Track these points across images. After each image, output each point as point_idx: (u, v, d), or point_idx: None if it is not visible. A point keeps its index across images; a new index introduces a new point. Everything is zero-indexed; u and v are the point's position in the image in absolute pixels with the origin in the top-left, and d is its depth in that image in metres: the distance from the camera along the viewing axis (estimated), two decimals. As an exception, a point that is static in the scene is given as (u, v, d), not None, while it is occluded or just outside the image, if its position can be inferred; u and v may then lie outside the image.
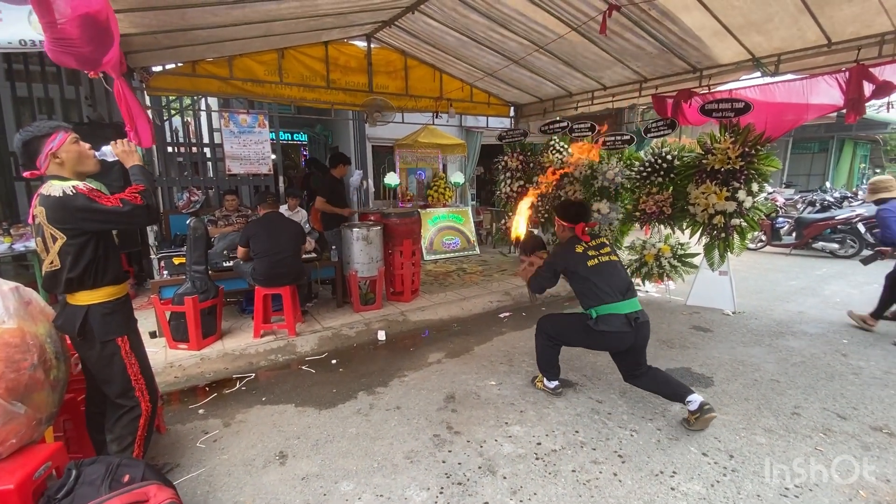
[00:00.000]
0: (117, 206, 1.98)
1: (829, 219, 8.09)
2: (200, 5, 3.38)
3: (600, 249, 2.92)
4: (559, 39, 4.53)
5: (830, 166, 16.28)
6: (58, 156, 2.00)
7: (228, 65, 5.04)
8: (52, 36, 2.13)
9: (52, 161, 2.00)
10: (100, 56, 2.38)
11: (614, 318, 2.74)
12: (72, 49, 2.20)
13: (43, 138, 1.98)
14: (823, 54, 3.89)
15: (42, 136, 1.98)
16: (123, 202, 2.00)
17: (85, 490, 1.71)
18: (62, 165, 2.02)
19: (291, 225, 4.31)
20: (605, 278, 2.81)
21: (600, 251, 2.91)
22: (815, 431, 2.75)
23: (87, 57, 2.31)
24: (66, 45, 2.17)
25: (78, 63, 2.30)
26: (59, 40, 2.14)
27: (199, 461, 2.57)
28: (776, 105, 4.80)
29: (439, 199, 9.18)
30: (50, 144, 1.98)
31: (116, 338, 2.08)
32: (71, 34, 2.15)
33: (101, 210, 1.95)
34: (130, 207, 2.01)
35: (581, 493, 2.25)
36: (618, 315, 2.74)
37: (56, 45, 2.15)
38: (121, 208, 1.99)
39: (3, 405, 1.71)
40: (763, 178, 4.41)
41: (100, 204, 1.95)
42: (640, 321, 2.77)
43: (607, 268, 2.85)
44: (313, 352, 4.16)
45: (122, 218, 2.01)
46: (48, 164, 2.00)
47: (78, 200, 1.92)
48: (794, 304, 5.38)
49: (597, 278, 2.81)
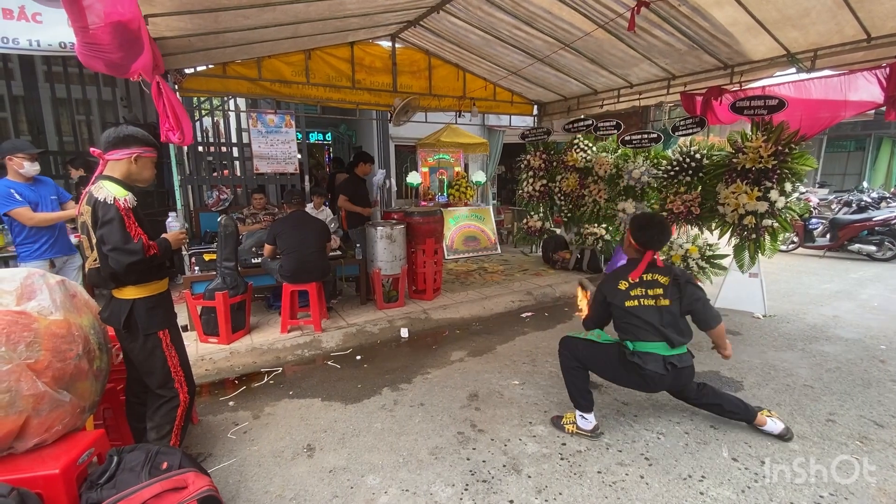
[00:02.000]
0: (132, 241, 2.00)
1: (867, 220, 7.79)
2: (233, 8, 3.47)
3: (650, 288, 2.56)
4: (585, 37, 4.48)
5: (867, 165, 15.63)
6: (135, 163, 2.11)
7: (257, 66, 5.15)
8: (83, 40, 2.18)
9: (126, 161, 2.09)
10: (128, 62, 2.43)
11: (650, 357, 2.50)
12: (102, 54, 2.24)
13: (141, 142, 2.11)
14: (862, 49, 3.75)
15: (142, 140, 2.11)
16: (139, 242, 2.02)
17: (126, 476, 1.78)
18: (126, 171, 2.11)
19: (317, 223, 4.38)
20: (643, 319, 2.53)
21: (648, 290, 2.55)
22: (851, 439, 2.66)
23: (116, 63, 2.36)
24: (96, 50, 2.22)
25: (107, 68, 2.35)
26: (90, 45, 2.19)
27: (230, 451, 2.64)
28: (812, 102, 4.64)
29: (461, 198, 9.19)
30: (140, 150, 2.11)
31: (159, 331, 2.17)
32: (102, 40, 2.19)
33: (117, 231, 1.98)
34: (137, 249, 2.01)
35: (607, 495, 2.23)
36: (655, 355, 2.50)
37: (87, 49, 2.20)
38: (133, 245, 2.00)
39: (49, 393, 1.79)
40: (797, 177, 4.28)
41: (123, 226, 1.99)
42: (680, 367, 2.52)
43: (647, 311, 2.53)
44: (338, 347, 4.23)
45: (124, 252, 1.99)
46: (116, 162, 2.09)
47: (109, 212, 1.98)
48: (828, 307, 5.20)
49: (635, 318, 2.55)
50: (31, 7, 4.00)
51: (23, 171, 3.48)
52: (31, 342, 1.75)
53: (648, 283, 2.57)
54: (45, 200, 3.63)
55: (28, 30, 4.00)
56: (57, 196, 3.75)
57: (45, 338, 1.79)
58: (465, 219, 8.51)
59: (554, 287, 5.96)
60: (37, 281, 1.93)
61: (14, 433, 1.70)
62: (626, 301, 2.56)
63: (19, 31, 3.97)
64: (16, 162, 3.46)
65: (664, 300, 2.54)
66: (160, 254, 2.14)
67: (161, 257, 2.15)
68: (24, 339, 1.73)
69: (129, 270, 2.02)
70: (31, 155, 3.51)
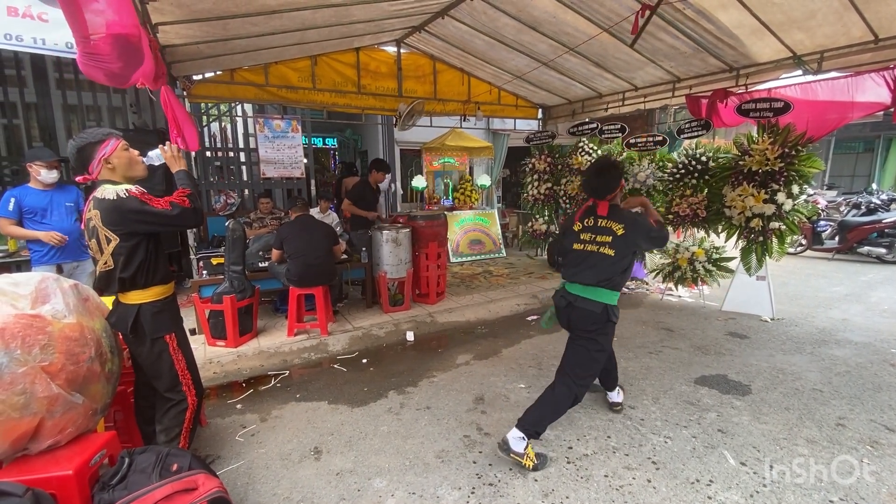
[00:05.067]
0: (167, 210, 2.09)
1: (877, 222, 7.72)
2: (241, 16, 3.52)
3: (598, 235, 2.54)
4: (590, 41, 4.49)
5: (876, 167, 15.48)
6: (110, 161, 2.11)
7: (264, 72, 5.21)
8: (84, 50, 2.20)
9: (105, 166, 2.11)
10: (129, 73, 2.45)
11: (559, 292, 2.67)
12: (102, 64, 2.26)
13: (96, 144, 2.10)
14: (870, 51, 3.73)
15: (95, 142, 2.10)
16: (172, 205, 2.11)
17: (137, 477, 1.80)
18: (114, 170, 2.13)
19: (323, 227, 4.41)
20: (577, 261, 2.60)
21: (596, 237, 2.54)
22: (862, 444, 2.64)
23: (115, 73, 2.37)
24: (96, 60, 2.23)
25: (107, 78, 2.37)
26: (91, 55, 2.21)
27: (238, 454, 2.67)
28: (818, 104, 4.61)
29: (465, 201, 9.21)
30: (102, 150, 2.10)
31: (165, 335, 2.19)
32: (102, 51, 2.21)
33: (152, 212, 2.06)
34: (179, 210, 2.12)
35: (614, 499, 2.23)
36: (561, 290, 2.65)
37: (87, 58, 2.21)
38: (170, 211, 2.09)
39: (63, 395, 1.82)
40: (804, 179, 4.26)
41: (151, 206, 2.06)
42: (575, 305, 2.54)
43: (588, 257, 2.56)
44: (344, 351, 4.25)
45: (171, 220, 2.11)
46: (100, 170, 2.11)
47: (131, 203, 2.03)
48: (837, 310, 5.15)
49: (571, 257, 2.64)
50: (37, 7, 4.01)
51: (40, 177, 3.62)
52: (45, 345, 1.78)
53: (598, 230, 2.56)
54: (59, 207, 3.70)
55: (33, 28, 4.01)
56: (75, 203, 3.82)
57: (58, 341, 1.82)
58: (471, 222, 8.52)
59: (560, 290, 5.95)
60: (50, 285, 1.96)
61: (29, 434, 1.73)
62: (574, 244, 2.64)
63: (24, 29, 3.99)
64: (34, 169, 3.60)
65: (608, 249, 2.50)
66: (191, 190, 2.24)
67: (196, 191, 2.27)
68: (39, 342, 1.76)
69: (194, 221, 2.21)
70: (49, 163, 3.64)
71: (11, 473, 1.69)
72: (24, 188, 3.63)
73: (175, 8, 3.12)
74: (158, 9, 3.04)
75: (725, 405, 3.10)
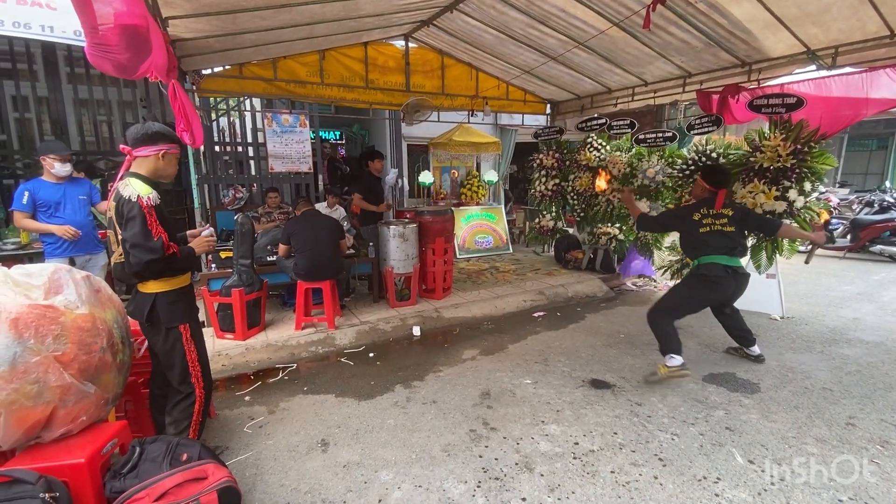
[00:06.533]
0: (151, 240, 2.05)
1: (890, 220, 7.61)
2: (251, 10, 3.52)
3: (717, 219, 3.39)
4: (600, 35, 4.45)
5: (890, 165, 15.22)
6: (161, 159, 2.18)
7: (273, 66, 5.22)
8: (92, 41, 2.21)
9: (154, 158, 2.17)
10: (137, 64, 2.46)
11: (713, 266, 3.35)
12: (110, 55, 2.28)
13: (168, 139, 2.20)
14: (885, 46, 3.67)
15: (169, 137, 2.20)
16: (159, 241, 2.07)
17: (148, 466, 1.83)
18: (153, 167, 2.18)
19: (330, 221, 4.43)
20: (712, 241, 3.39)
21: (716, 221, 3.39)
22: (872, 443, 2.61)
23: (123, 64, 2.39)
24: (105, 51, 2.25)
25: (115, 69, 2.38)
26: (99, 45, 2.22)
27: (246, 445, 2.69)
28: (832, 100, 4.54)
29: (472, 197, 9.19)
30: (167, 147, 2.19)
31: (180, 324, 2.22)
32: (110, 41, 2.23)
33: (138, 227, 2.03)
34: (157, 248, 2.06)
35: (620, 495, 2.23)
36: (717, 265, 3.35)
37: (95, 49, 2.22)
38: (153, 242, 2.05)
39: (75, 384, 1.85)
40: (816, 176, 4.19)
41: (144, 224, 2.04)
42: (740, 273, 3.39)
43: (716, 236, 3.38)
44: (351, 345, 4.27)
45: (144, 249, 2.04)
46: (144, 159, 2.16)
47: (132, 210, 2.05)
48: (848, 310, 5.09)
49: (705, 239, 3.41)
50: None
51: (53, 170, 3.65)
52: (58, 335, 1.80)
53: (716, 215, 3.42)
54: (72, 200, 3.74)
55: (41, 15, 4.00)
56: (87, 196, 3.86)
57: (71, 331, 1.85)
58: (477, 218, 8.50)
59: (566, 287, 5.94)
60: (63, 276, 1.98)
61: (42, 423, 1.76)
62: (699, 229, 3.43)
63: (32, 17, 3.98)
64: (48, 162, 3.64)
65: (729, 227, 3.39)
66: (180, 256, 2.19)
67: (181, 261, 2.21)
68: (52, 332, 1.79)
69: (147, 268, 2.08)
70: (62, 156, 3.67)
71: (25, 461, 1.73)
72: (37, 181, 3.67)
73: (185, 2, 3.13)
74: (169, 3, 3.06)
75: (734, 403, 3.09)
